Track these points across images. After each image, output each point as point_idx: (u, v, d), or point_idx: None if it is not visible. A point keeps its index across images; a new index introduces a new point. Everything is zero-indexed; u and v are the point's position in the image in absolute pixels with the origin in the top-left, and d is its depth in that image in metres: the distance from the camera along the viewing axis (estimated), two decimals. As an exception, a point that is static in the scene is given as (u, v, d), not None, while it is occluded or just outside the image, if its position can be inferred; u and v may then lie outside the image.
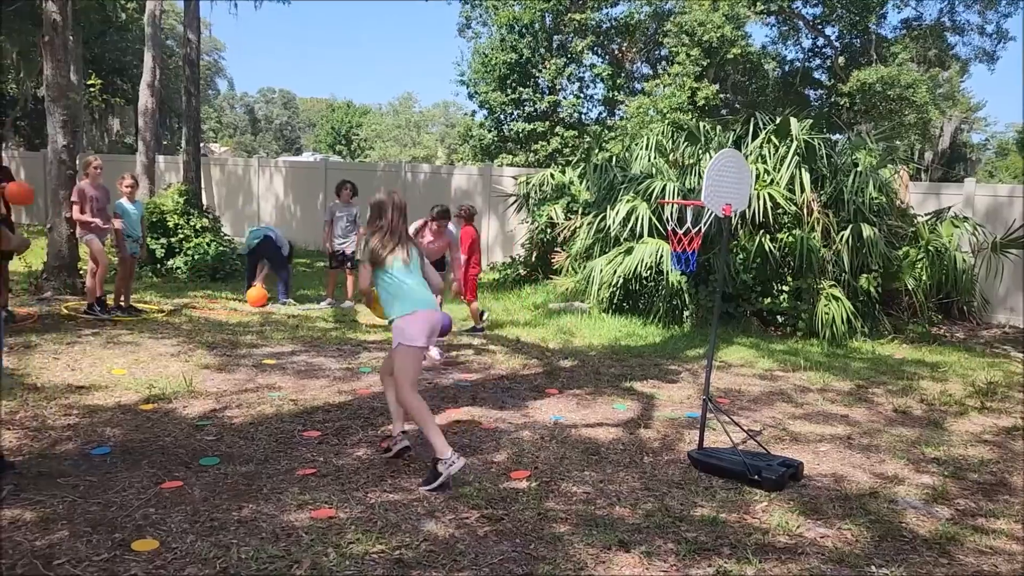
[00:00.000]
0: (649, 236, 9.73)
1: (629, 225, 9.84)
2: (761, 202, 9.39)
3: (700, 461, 4.80)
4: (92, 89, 18.70)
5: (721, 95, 22.13)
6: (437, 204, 7.93)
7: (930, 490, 4.59)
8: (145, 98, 16.82)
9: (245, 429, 5.13)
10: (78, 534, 3.55)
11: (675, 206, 8.93)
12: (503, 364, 7.42)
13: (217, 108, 73.48)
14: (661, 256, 9.55)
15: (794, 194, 9.66)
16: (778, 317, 9.62)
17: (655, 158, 10.86)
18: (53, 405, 5.42)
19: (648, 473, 4.68)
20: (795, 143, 9.78)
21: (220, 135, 74.58)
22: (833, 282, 9.42)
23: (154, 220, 11.61)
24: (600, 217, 10.55)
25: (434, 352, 7.21)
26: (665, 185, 9.89)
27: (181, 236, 11.82)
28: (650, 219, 9.76)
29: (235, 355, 7.14)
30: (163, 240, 11.75)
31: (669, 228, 6.92)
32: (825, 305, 9.13)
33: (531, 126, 22.92)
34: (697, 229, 5.13)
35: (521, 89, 23.10)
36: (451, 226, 7.97)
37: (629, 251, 9.81)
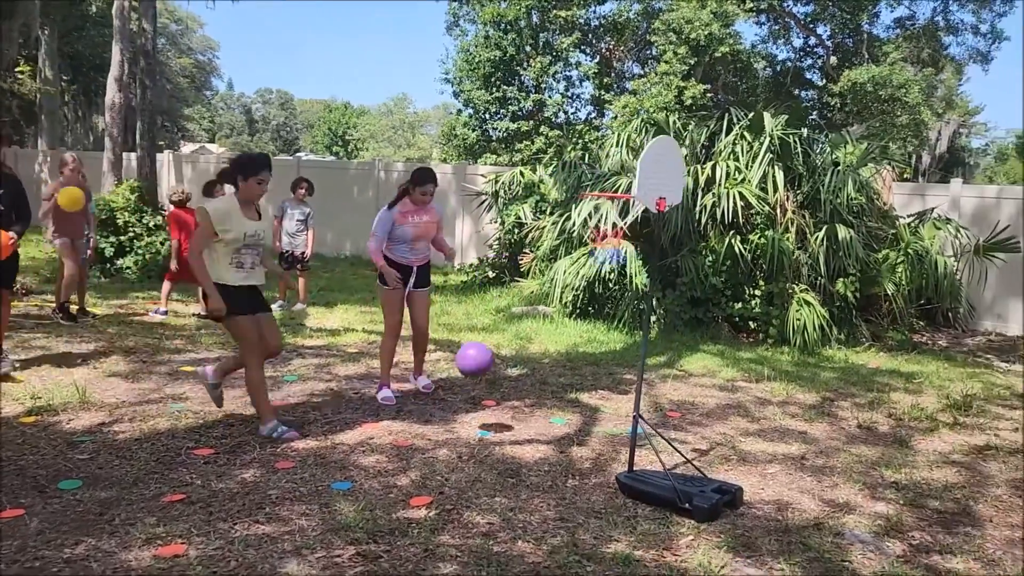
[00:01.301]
0: (612, 236, 9.22)
1: (592, 224, 9.33)
2: (731, 201, 8.88)
3: (628, 486, 4.28)
4: (21, 76, 18.20)
5: (711, 95, 21.64)
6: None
7: (883, 520, 4.07)
8: (112, 92, 16.33)
9: (127, 446, 4.62)
10: None
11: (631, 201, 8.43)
12: (443, 372, 6.91)
13: (212, 108, 73.09)
14: (624, 257, 9.04)
15: (767, 193, 9.15)
16: (750, 323, 9.11)
17: (626, 155, 10.35)
18: (-76, 417, 4.92)
19: (567, 499, 4.16)
20: (768, 139, 9.27)
21: (217, 135, 74.16)
22: (806, 286, 8.90)
23: (103, 218, 11.11)
24: (565, 216, 10.05)
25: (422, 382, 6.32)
26: (632, 182, 9.37)
27: (132, 234, 11.32)
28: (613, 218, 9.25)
29: (152, 361, 6.63)
30: (112, 239, 11.24)
31: (591, 224, 6.42)
32: (797, 310, 8.62)
33: (515, 125, 22.42)
34: (620, 226, 4.64)
35: (505, 87, 22.60)
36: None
37: (592, 252, 9.31)
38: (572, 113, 24.13)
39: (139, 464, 4.35)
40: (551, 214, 10.88)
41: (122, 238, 11.29)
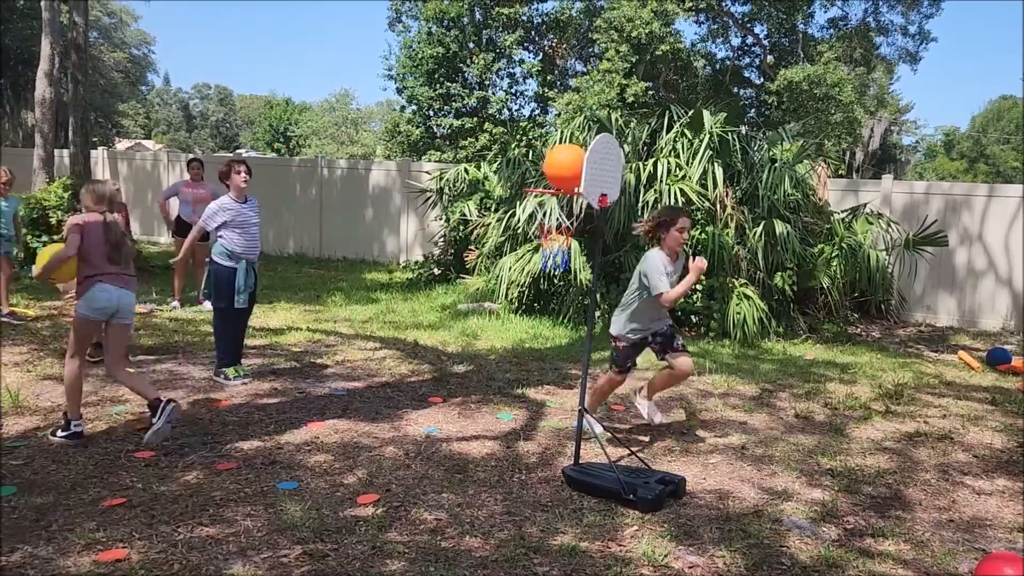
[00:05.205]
0: (558, 233, 9.29)
1: (536, 221, 9.39)
2: (672, 197, 9.03)
3: (574, 479, 4.35)
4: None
5: (652, 92, 21.91)
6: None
7: (819, 507, 4.21)
8: (42, 87, 15.80)
9: (64, 451, 4.51)
10: None
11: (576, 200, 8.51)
12: (391, 370, 6.88)
13: (148, 104, 71.15)
14: (568, 256, 9.11)
15: (707, 189, 9.33)
16: (692, 317, 9.28)
17: (569, 152, 10.41)
18: None
19: (514, 494, 4.20)
20: (707, 136, 9.46)
21: (154, 132, 72.13)
22: (746, 281, 9.11)
23: (35, 216, 10.77)
24: (510, 213, 10.09)
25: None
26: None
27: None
28: (559, 215, 9.31)
29: (88, 364, 6.44)
30: (45, 238, 10.89)
31: (538, 221, 6.44)
32: (737, 304, 8.81)
33: (459, 122, 22.39)
34: (566, 226, 4.69)
35: (449, 84, 22.55)
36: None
37: (537, 248, 9.37)
38: (516, 110, 24.25)
39: (77, 468, 4.25)
40: (496, 211, 10.91)
41: (55, 237, 10.92)
